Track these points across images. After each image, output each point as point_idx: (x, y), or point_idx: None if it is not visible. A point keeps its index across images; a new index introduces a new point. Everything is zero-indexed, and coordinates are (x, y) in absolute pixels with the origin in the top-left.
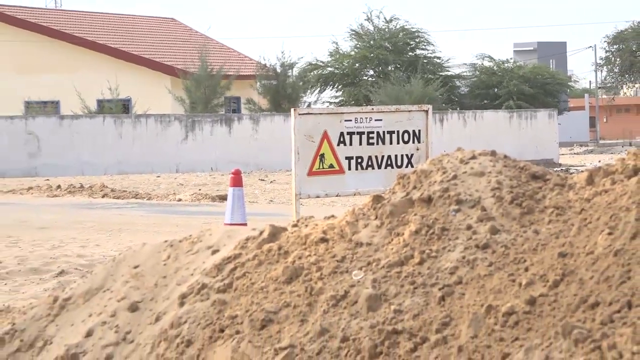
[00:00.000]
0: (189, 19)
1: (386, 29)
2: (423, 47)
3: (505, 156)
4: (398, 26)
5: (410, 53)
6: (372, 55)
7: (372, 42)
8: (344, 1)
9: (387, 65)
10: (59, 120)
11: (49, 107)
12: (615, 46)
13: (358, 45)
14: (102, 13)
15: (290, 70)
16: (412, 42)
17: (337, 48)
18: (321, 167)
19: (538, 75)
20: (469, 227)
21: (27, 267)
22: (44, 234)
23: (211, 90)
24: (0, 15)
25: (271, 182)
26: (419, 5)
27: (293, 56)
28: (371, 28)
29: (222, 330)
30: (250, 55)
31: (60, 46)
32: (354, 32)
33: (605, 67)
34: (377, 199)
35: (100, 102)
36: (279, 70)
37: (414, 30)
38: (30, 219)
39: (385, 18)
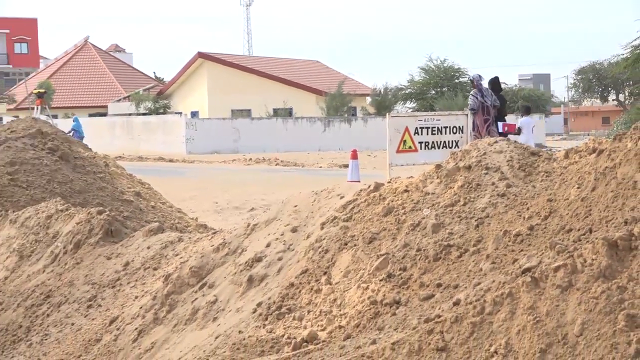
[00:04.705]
0: (327, 58)
1: (441, 66)
2: (463, 76)
3: (515, 141)
4: (448, 64)
5: (455, 80)
6: (433, 81)
7: (434, 74)
8: (415, 47)
9: (442, 87)
10: (251, 120)
11: (244, 113)
12: (579, 76)
13: (425, 76)
14: (275, 57)
15: (389, 91)
16: (457, 73)
17: (412, 78)
18: (404, 148)
19: (533, 96)
20: (493, 184)
21: (232, 206)
22: (242, 186)
23: (340, 103)
24: (217, 60)
25: (374, 157)
26: (456, 48)
27: (389, 82)
28: (432, 65)
29: (345, 244)
30: (362, 81)
31: (251, 77)
32: (422, 69)
33: (573, 88)
34: (438, 166)
35: (275, 110)
36: (382, 91)
37: (457, 67)
38: (234, 177)
39: (440, 59)
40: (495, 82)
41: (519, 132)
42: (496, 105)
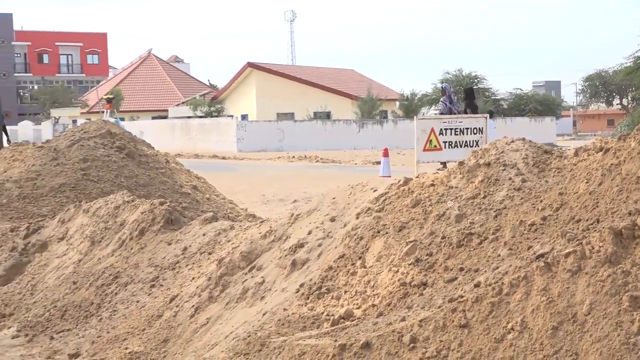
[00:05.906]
0: (360, 67)
1: (460, 75)
2: (481, 82)
3: (530, 140)
4: (466, 73)
5: (474, 86)
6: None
7: (453, 83)
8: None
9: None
10: (294, 122)
11: (288, 116)
12: (586, 83)
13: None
14: (315, 67)
15: (415, 97)
16: (474, 80)
17: (436, 86)
18: (430, 146)
19: (545, 100)
20: (510, 179)
21: (277, 198)
22: (286, 180)
23: (371, 107)
24: (264, 69)
25: (403, 154)
26: (474, 57)
27: (415, 89)
28: (450, 76)
29: (378, 232)
30: (392, 87)
31: (294, 84)
32: (444, 79)
33: (581, 94)
34: (461, 163)
35: (315, 113)
36: (409, 96)
37: (474, 75)
38: (279, 173)
39: (460, 70)
40: (469, 92)
41: None
42: (460, 111)
